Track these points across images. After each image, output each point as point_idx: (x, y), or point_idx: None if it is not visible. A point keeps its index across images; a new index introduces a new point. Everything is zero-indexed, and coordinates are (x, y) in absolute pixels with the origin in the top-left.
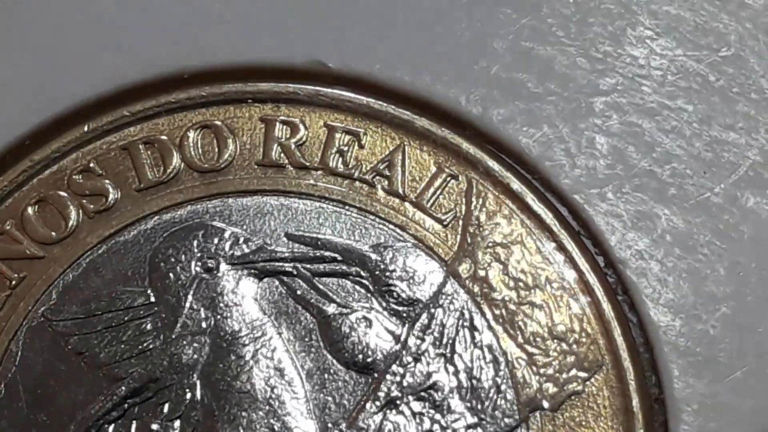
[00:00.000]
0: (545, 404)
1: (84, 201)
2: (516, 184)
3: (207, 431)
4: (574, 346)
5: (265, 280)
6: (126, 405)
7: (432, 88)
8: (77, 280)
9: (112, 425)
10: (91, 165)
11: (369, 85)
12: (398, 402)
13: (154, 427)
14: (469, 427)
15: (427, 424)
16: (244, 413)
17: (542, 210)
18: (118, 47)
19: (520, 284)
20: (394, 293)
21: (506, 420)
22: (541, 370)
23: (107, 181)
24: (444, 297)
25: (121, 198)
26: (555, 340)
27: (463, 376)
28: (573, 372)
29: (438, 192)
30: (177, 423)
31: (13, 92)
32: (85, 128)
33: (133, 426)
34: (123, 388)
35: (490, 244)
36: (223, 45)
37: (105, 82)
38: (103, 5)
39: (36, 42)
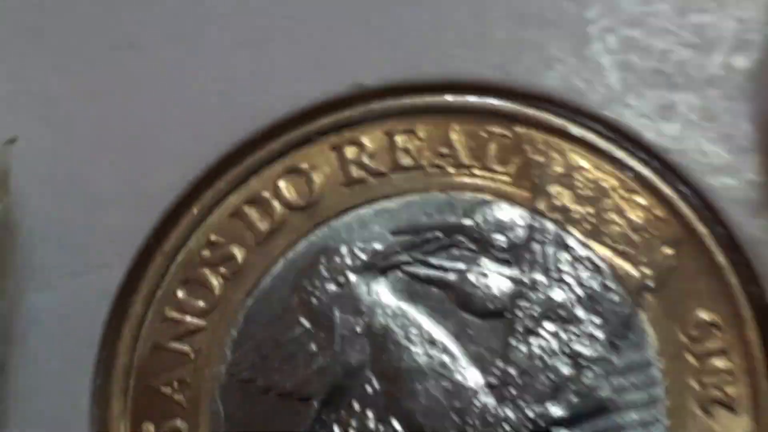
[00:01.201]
0: (650, 284)
1: (220, 268)
2: (554, 120)
3: (395, 411)
4: (655, 231)
5: (390, 275)
6: (323, 418)
7: (450, 69)
8: (241, 335)
9: None
10: (213, 238)
11: (404, 89)
12: (535, 330)
13: (354, 423)
14: (597, 327)
15: (564, 337)
16: (419, 386)
17: (582, 133)
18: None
19: (592, 200)
20: (496, 245)
21: (624, 310)
22: (637, 259)
23: (231, 246)
24: (536, 232)
25: (247, 255)
26: (637, 232)
27: (577, 289)
28: (662, 250)
29: (496, 152)
30: (369, 413)
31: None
32: (194, 212)
33: (336, 430)
34: (315, 403)
35: (555, 177)
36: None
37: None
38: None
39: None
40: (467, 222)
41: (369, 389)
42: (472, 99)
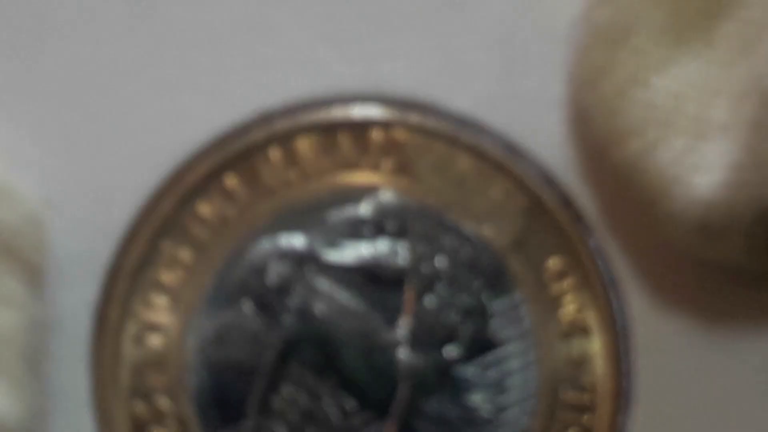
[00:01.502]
0: (512, 245)
1: (176, 271)
2: (424, 122)
3: (330, 370)
4: (511, 202)
5: (312, 263)
6: (274, 380)
7: (334, 85)
8: (202, 324)
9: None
10: (166, 251)
11: (301, 108)
12: (429, 290)
13: (299, 381)
14: (476, 282)
15: (452, 293)
16: (346, 349)
17: (446, 130)
18: None
19: (460, 183)
20: (389, 227)
21: (495, 267)
22: (499, 226)
23: (182, 254)
24: (419, 214)
25: (196, 261)
26: (498, 205)
27: (456, 255)
28: (518, 217)
29: (379, 152)
30: (310, 373)
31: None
32: (148, 232)
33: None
34: (267, 370)
35: (429, 169)
36: None
37: None
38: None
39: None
40: (364, 212)
41: (307, 356)
42: (355, 110)
